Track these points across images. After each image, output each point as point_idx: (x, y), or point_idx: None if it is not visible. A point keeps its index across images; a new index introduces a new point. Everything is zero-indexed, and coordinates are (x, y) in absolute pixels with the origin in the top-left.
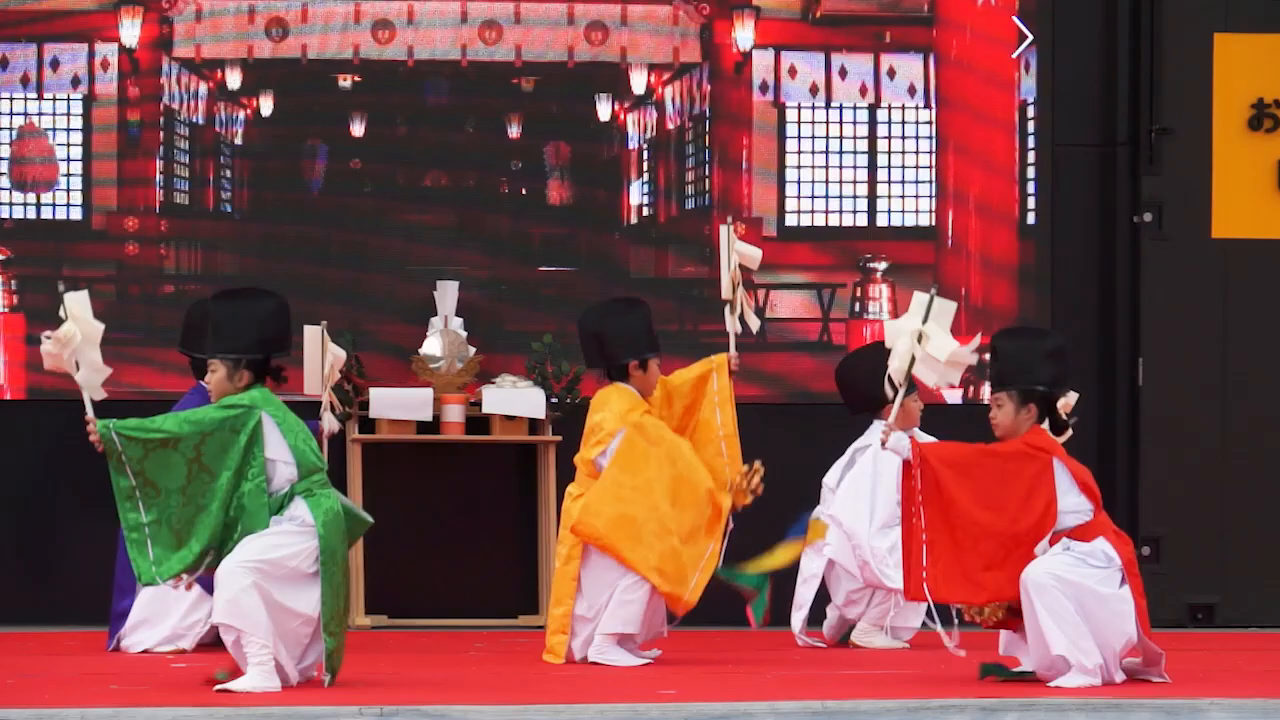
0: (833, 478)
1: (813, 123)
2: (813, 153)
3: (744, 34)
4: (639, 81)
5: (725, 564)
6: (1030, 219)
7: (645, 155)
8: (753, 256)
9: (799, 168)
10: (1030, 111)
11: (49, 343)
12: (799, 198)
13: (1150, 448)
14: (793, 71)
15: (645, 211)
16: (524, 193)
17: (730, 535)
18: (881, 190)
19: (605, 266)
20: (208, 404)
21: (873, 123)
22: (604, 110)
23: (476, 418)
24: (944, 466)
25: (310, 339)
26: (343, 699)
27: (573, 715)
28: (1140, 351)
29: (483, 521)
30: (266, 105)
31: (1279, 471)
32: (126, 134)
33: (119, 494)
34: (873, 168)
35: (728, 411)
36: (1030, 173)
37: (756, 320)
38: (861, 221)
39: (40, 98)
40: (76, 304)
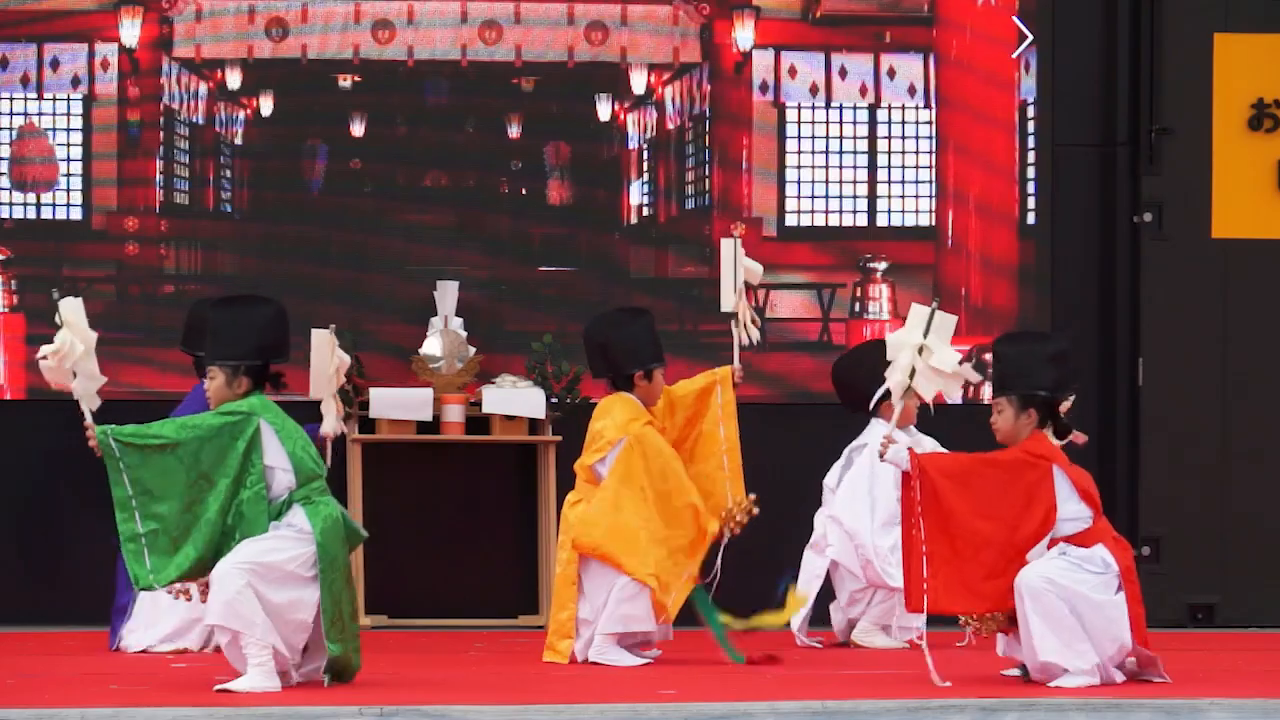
0: (832, 478)
1: (813, 123)
2: (813, 153)
3: (744, 34)
4: (639, 81)
5: (707, 594)
6: (1030, 219)
7: (645, 155)
8: (755, 271)
9: (799, 168)
10: (1030, 111)
11: (48, 359)
12: (799, 198)
13: (1150, 448)
14: (793, 71)
15: (645, 211)
16: (524, 193)
17: (722, 552)
18: (881, 190)
19: (605, 266)
20: (208, 407)
21: (873, 123)
22: (604, 110)
23: (476, 418)
24: (943, 477)
25: (319, 343)
26: (343, 699)
27: (573, 715)
28: (1140, 351)
29: (483, 521)
30: (266, 105)
31: (1279, 471)
32: (126, 134)
33: (116, 503)
34: (873, 168)
35: (731, 425)
36: (1030, 173)
37: (756, 334)
38: (861, 221)
39: (40, 98)
40: (71, 310)
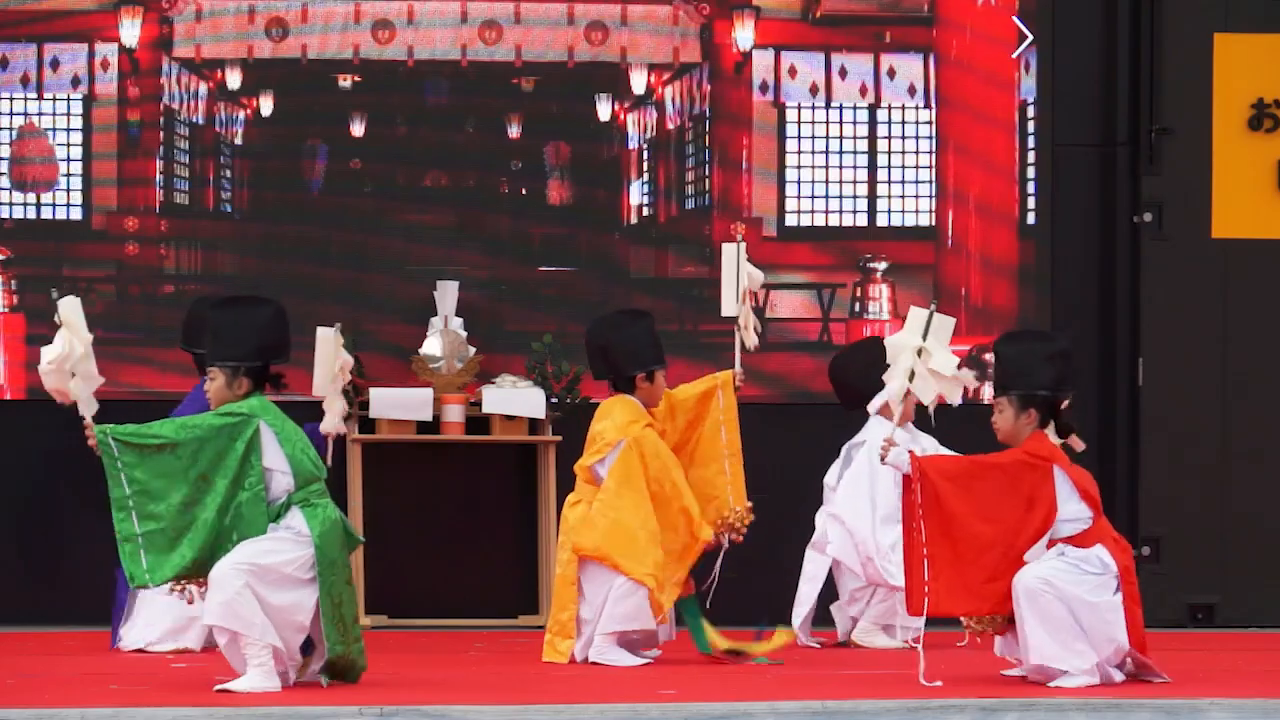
0: (832, 476)
1: (813, 123)
2: (813, 153)
3: (744, 34)
4: (639, 81)
5: (697, 608)
6: (1030, 219)
7: (645, 155)
8: (756, 278)
9: (799, 168)
10: (1030, 111)
11: (49, 366)
12: (799, 198)
13: (1150, 448)
14: (793, 71)
15: (645, 211)
16: (524, 193)
17: (723, 557)
18: (881, 190)
19: (605, 266)
20: (209, 407)
21: (873, 123)
22: (604, 110)
23: (476, 418)
24: (944, 480)
25: (323, 341)
26: (343, 699)
27: (573, 715)
28: (1140, 351)
29: (483, 521)
30: (266, 105)
31: (1279, 471)
32: (126, 134)
33: (113, 503)
34: (873, 168)
35: (733, 430)
36: (1030, 173)
37: (755, 340)
38: (861, 221)
39: (40, 98)
40: (69, 309)
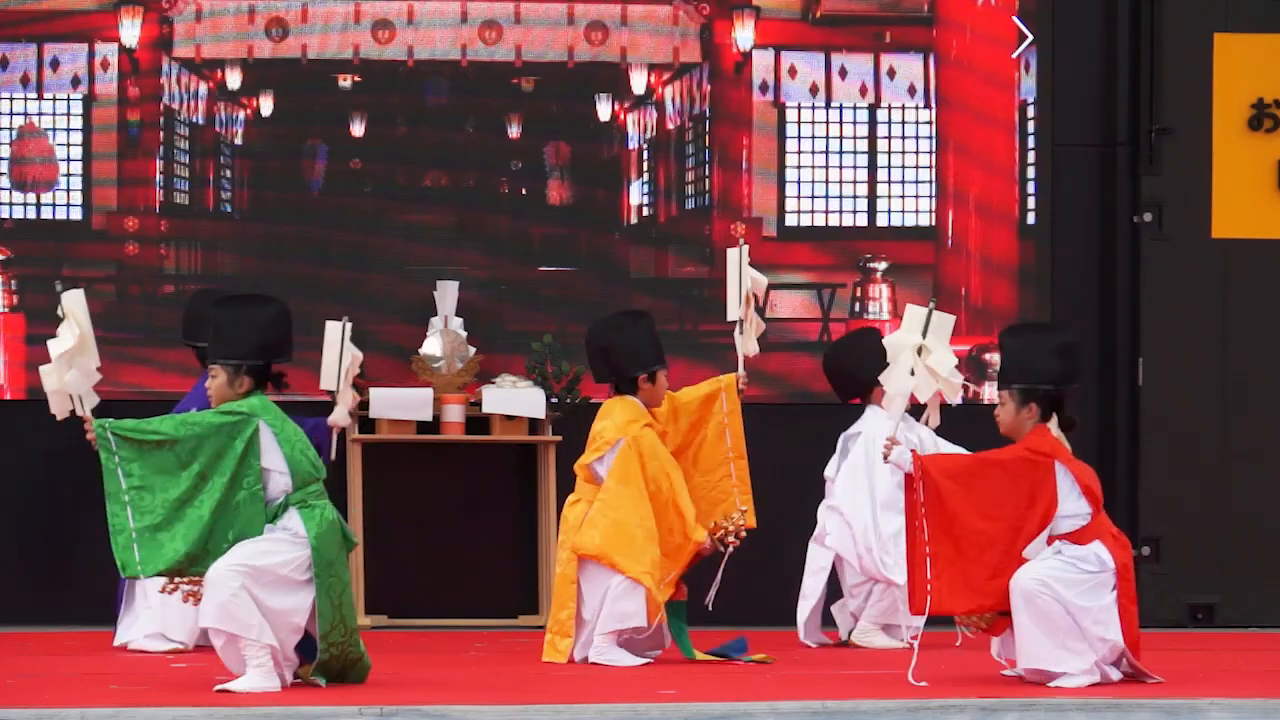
0: (831, 469)
1: (813, 123)
2: (813, 153)
3: (744, 34)
4: (639, 81)
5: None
6: (1030, 219)
7: (645, 155)
8: (760, 281)
9: (799, 168)
10: (1030, 111)
11: (53, 362)
12: (799, 198)
13: (1150, 448)
14: (793, 71)
15: (645, 211)
16: (524, 193)
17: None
18: (881, 190)
19: (605, 266)
20: (208, 406)
21: (873, 123)
22: (604, 110)
23: (476, 418)
24: (946, 478)
25: (331, 334)
26: (343, 699)
27: (573, 715)
28: (1140, 351)
29: (483, 521)
30: (266, 105)
31: (1279, 471)
32: (126, 134)
33: (109, 496)
34: (873, 168)
35: (737, 433)
36: (1030, 173)
37: (756, 346)
38: (861, 221)
39: (40, 98)
40: (74, 302)
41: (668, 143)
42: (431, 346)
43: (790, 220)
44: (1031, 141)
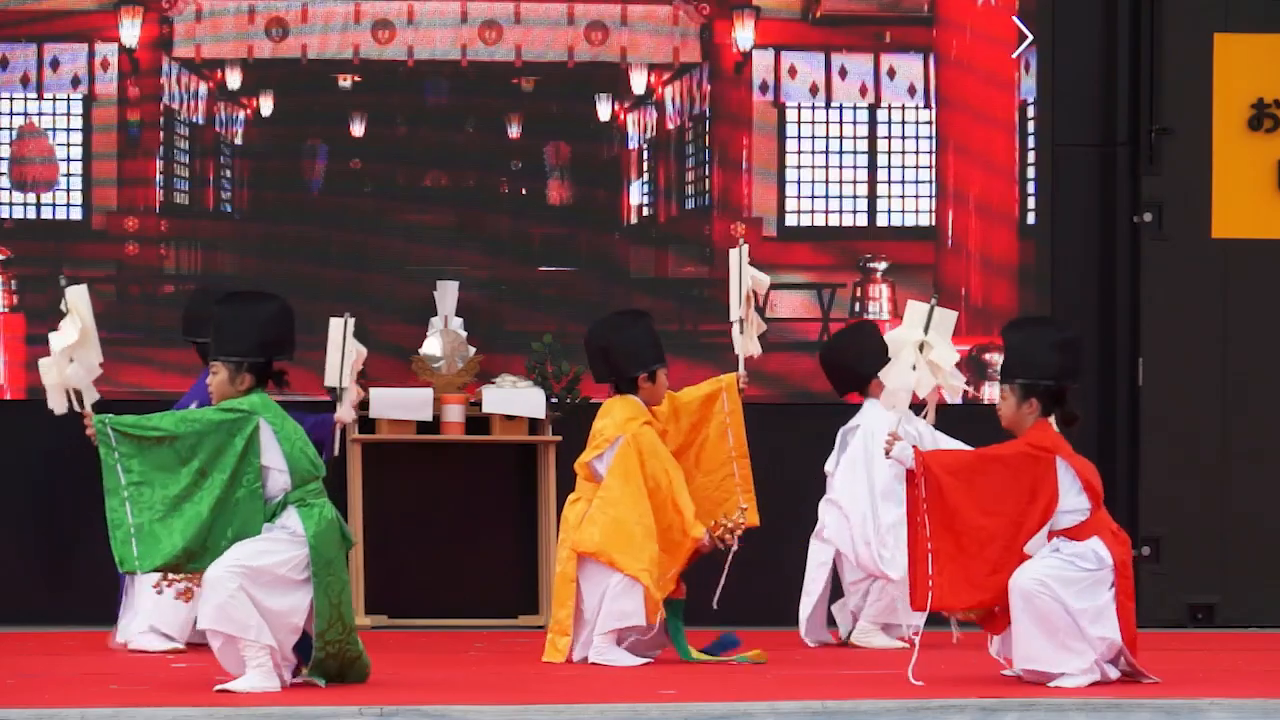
0: (831, 464)
1: (813, 123)
2: (813, 153)
3: (744, 34)
4: (639, 81)
5: (679, 617)
6: (1030, 219)
7: (645, 155)
8: (762, 281)
9: (799, 168)
10: (1030, 111)
11: (59, 353)
12: (799, 198)
13: (1150, 448)
14: (793, 71)
15: (645, 211)
16: (524, 193)
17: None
18: (881, 190)
19: (605, 266)
20: (209, 402)
21: (873, 123)
22: (604, 110)
23: (476, 418)
24: (947, 474)
25: (334, 330)
26: (343, 699)
27: (573, 715)
28: (1140, 351)
29: (483, 521)
30: (266, 105)
31: (1279, 471)
32: (126, 134)
33: (108, 491)
34: (873, 168)
35: (739, 432)
36: (1030, 173)
37: (759, 347)
38: (861, 221)
39: (40, 98)
40: (77, 297)
41: (668, 143)
42: (431, 346)
43: (790, 220)
44: (1031, 141)
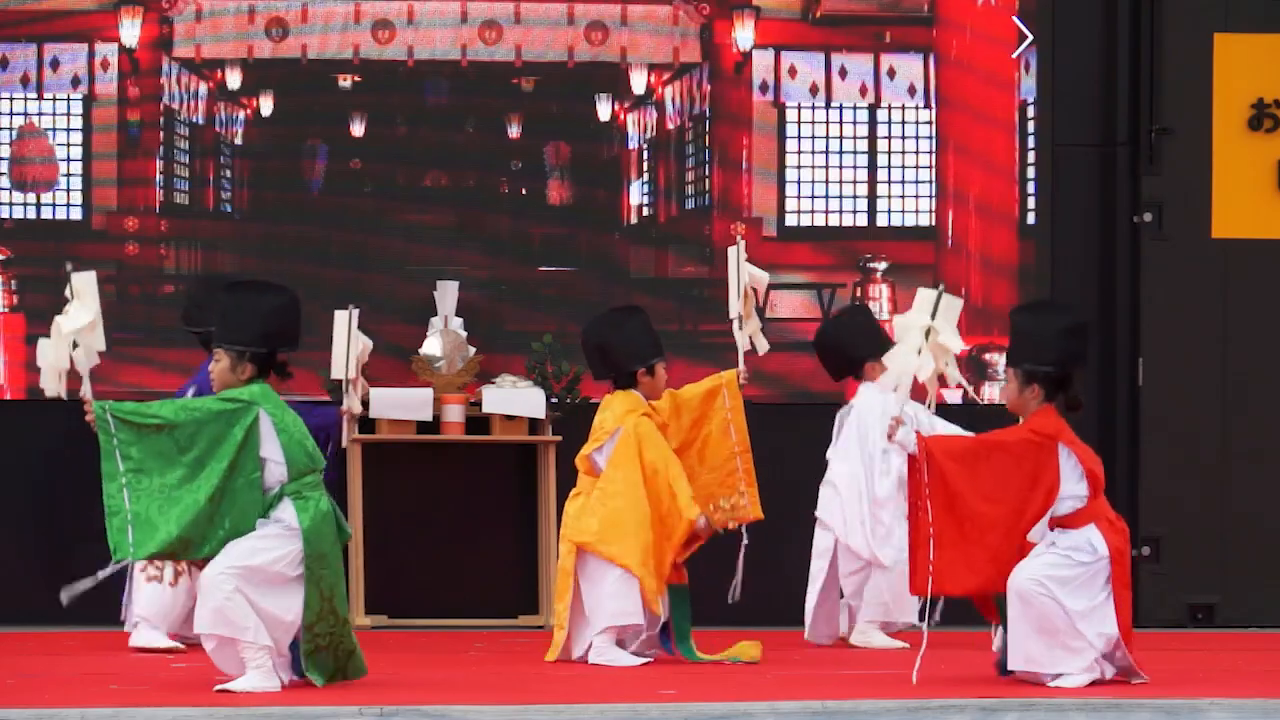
0: (831, 449)
1: (813, 123)
2: (813, 153)
3: (744, 34)
4: (639, 81)
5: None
6: (1030, 219)
7: (645, 155)
8: (761, 278)
9: (799, 168)
10: (1030, 111)
11: (51, 341)
12: (799, 198)
13: (1150, 448)
14: (793, 71)
15: (645, 211)
16: (524, 193)
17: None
18: (881, 190)
19: (605, 266)
20: (210, 389)
21: (873, 123)
22: (604, 110)
23: (476, 418)
24: (949, 460)
25: (339, 323)
26: (343, 699)
27: (573, 715)
28: (1140, 351)
29: (483, 521)
30: (266, 105)
31: (1279, 471)
32: (126, 134)
33: (105, 477)
34: (873, 168)
35: (741, 428)
36: (1030, 173)
37: (765, 343)
38: (861, 221)
39: (40, 98)
40: (83, 283)
41: (668, 143)
42: (431, 346)
43: (790, 220)
44: (1031, 141)
